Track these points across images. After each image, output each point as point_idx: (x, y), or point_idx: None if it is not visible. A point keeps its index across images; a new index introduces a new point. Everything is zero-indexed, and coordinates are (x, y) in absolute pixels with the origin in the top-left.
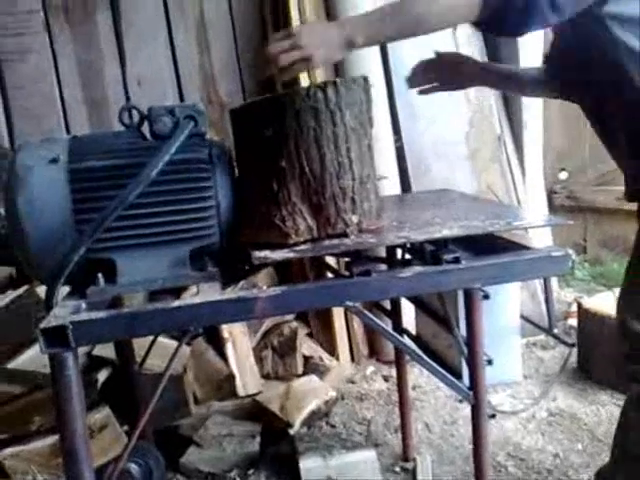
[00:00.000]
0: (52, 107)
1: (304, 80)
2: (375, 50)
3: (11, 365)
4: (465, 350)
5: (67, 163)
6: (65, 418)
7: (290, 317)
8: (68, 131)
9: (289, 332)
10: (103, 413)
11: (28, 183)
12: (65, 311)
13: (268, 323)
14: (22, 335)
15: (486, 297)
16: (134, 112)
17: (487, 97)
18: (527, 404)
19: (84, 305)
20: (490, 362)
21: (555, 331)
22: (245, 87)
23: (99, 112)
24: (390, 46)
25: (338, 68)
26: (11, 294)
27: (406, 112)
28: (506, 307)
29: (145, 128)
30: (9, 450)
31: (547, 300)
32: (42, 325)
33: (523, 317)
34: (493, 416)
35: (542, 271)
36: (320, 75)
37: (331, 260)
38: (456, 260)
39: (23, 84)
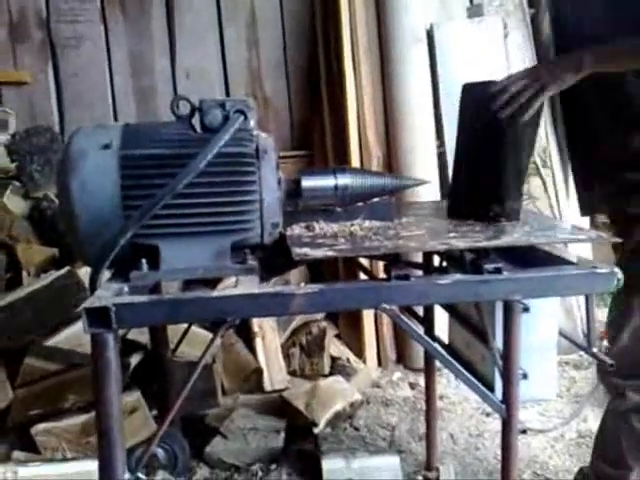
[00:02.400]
0: (103, 95)
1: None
2: (422, 54)
3: (49, 343)
4: (500, 363)
5: (119, 150)
6: (102, 397)
7: (319, 316)
8: (116, 119)
9: (318, 331)
10: (134, 396)
11: (81, 167)
12: (108, 293)
13: (297, 321)
14: (61, 314)
15: (526, 310)
16: (185, 103)
17: None
18: (557, 423)
19: (126, 288)
20: (525, 376)
21: (594, 350)
22: (290, 85)
23: (147, 102)
24: (437, 45)
25: (384, 76)
26: (53, 274)
27: (450, 118)
28: (545, 322)
29: (195, 120)
30: (42, 426)
31: (588, 318)
32: (86, 305)
33: (562, 334)
34: (524, 432)
35: (586, 287)
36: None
37: (365, 261)
38: (497, 270)
39: (76, 72)
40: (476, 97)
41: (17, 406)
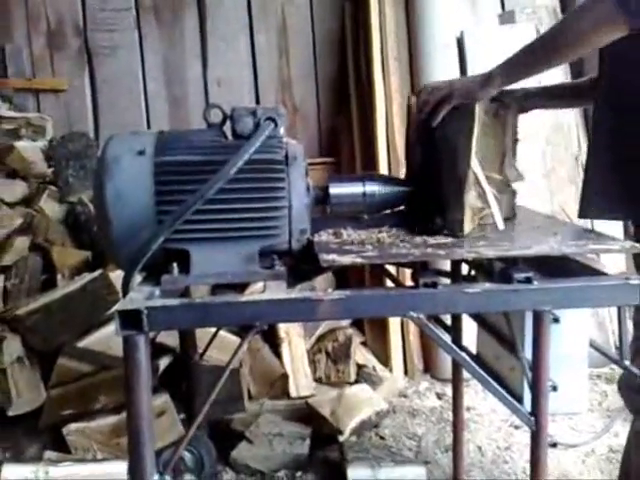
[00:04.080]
0: (136, 102)
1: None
2: (452, 61)
3: (81, 344)
4: (529, 374)
5: (153, 156)
6: (133, 398)
7: (345, 323)
8: (149, 125)
9: (344, 338)
10: (162, 399)
11: (116, 172)
12: (140, 296)
13: (323, 327)
14: (93, 316)
15: (556, 320)
16: (217, 111)
17: (566, 114)
18: (588, 438)
19: (158, 292)
20: (555, 388)
21: (626, 363)
22: (319, 93)
23: (179, 109)
24: (467, 52)
25: (413, 83)
26: (86, 276)
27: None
28: (575, 333)
29: (226, 127)
30: (74, 426)
31: (620, 330)
32: (118, 307)
33: (593, 346)
34: (554, 445)
35: (618, 299)
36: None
37: (392, 268)
38: (528, 280)
39: (111, 79)
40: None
41: (50, 406)
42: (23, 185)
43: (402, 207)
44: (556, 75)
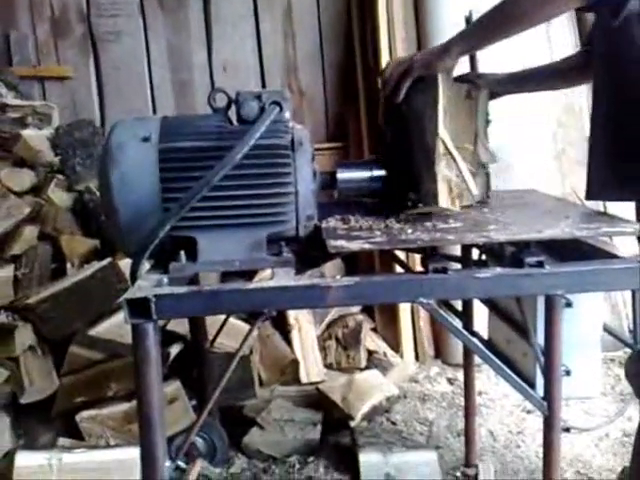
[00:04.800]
0: (142, 88)
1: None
2: None
3: (92, 332)
4: (542, 359)
5: (158, 142)
6: (143, 386)
7: (356, 310)
8: (155, 111)
9: (354, 324)
10: (173, 386)
11: (121, 159)
12: (148, 284)
13: (333, 314)
14: (103, 304)
15: (569, 305)
16: (222, 96)
17: (578, 96)
18: (601, 422)
19: (166, 280)
20: (568, 373)
21: None
22: (326, 77)
23: (184, 94)
24: None
25: None
26: (95, 265)
27: (490, 107)
28: (588, 317)
29: (232, 112)
30: (87, 413)
31: (634, 314)
32: (127, 296)
33: (607, 330)
34: (567, 430)
35: (632, 282)
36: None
37: (401, 254)
38: (539, 264)
39: (116, 65)
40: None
41: (62, 394)
42: (31, 174)
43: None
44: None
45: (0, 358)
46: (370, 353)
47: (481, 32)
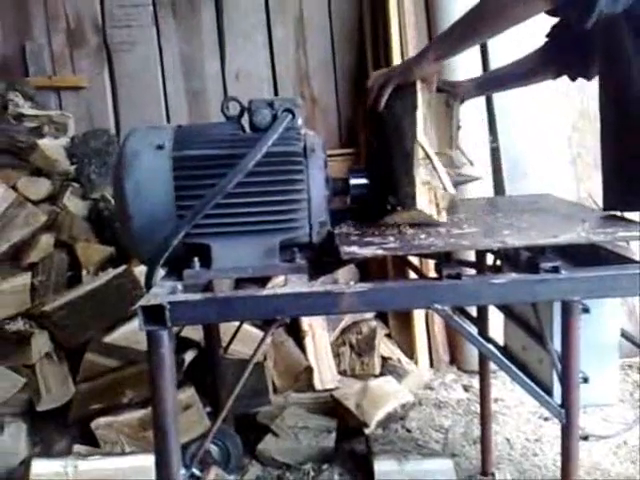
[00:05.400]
0: (155, 97)
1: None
2: (473, 49)
3: (107, 339)
4: (559, 366)
5: (172, 150)
6: (158, 392)
7: (369, 316)
8: (168, 120)
9: (368, 331)
10: (188, 393)
11: (135, 167)
12: (163, 291)
13: (347, 320)
14: (118, 311)
15: (586, 311)
16: (235, 104)
17: (593, 100)
18: (619, 429)
19: (180, 287)
20: (586, 380)
21: None
22: (338, 85)
23: (198, 103)
24: (490, 43)
25: None
26: (111, 272)
27: (504, 112)
28: (606, 323)
29: (244, 120)
30: (102, 420)
31: None
32: (142, 303)
33: (624, 335)
34: (585, 438)
35: None
36: None
37: (415, 259)
38: (555, 269)
39: (130, 75)
40: None
41: (78, 401)
42: (47, 183)
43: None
44: None
45: (17, 365)
46: (384, 360)
47: (455, 36)
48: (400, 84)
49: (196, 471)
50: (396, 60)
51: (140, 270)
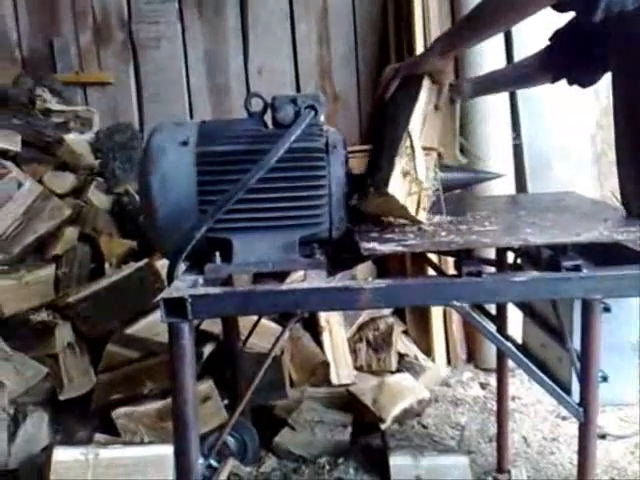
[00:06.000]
0: (179, 93)
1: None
2: (498, 45)
3: (128, 331)
4: (578, 364)
5: (196, 146)
6: (178, 383)
7: (387, 312)
8: (191, 116)
9: (385, 327)
10: (206, 385)
11: (161, 162)
12: (184, 284)
13: (364, 316)
14: (139, 304)
15: (607, 310)
16: (258, 100)
17: None
18: (637, 429)
19: (201, 280)
20: (605, 379)
21: None
22: (360, 81)
23: (221, 99)
24: (514, 34)
25: (457, 59)
26: (133, 265)
27: (528, 109)
28: (626, 322)
29: (267, 116)
30: (123, 410)
31: None
32: (164, 295)
33: None
34: (603, 437)
35: None
36: None
37: (434, 257)
38: (577, 268)
39: (155, 71)
40: None
41: (99, 391)
42: (72, 177)
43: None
44: None
45: (41, 355)
46: (401, 356)
47: (462, 31)
48: (408, 76)
49: (213, 462)
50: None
51: (161, 264)
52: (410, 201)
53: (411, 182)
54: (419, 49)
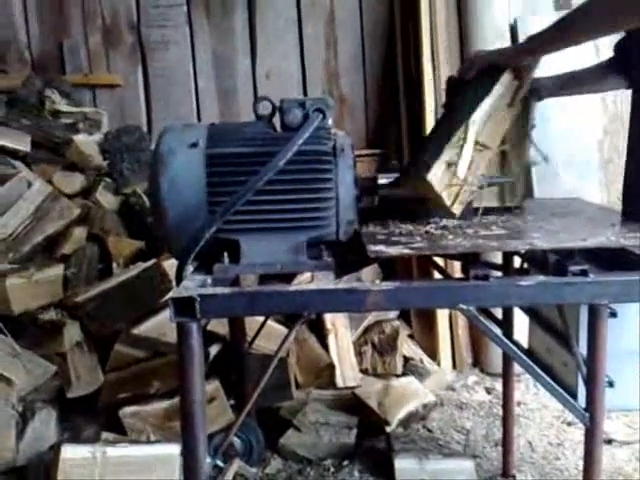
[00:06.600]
0: (187, 95)
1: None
2: (505, 41)
3: (136, 331)
4: (584, 369)
5: (205, 148)
6: (186, 383)
7: (392, 316)
8: (199, 118)
9: (390, 330)
10: (213, 386)
11: (170, 164)
12: (193, 284)
13: (370, 319)
14: (147, 304)
15: (613, 315)
16: (266, 104)
17: (626, 104)
18: None
19: (209, 280)
20: (611, 384)
21: None
22: (367, 84)
23: (229, 102)
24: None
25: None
26: (140, 266)
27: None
28: (632, 327)
29: (275, 119)
30: (130, 409)
31: None
32: (173, 295)
33: None
34: (609, 442)
35: None
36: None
37: (440, 260)
38: (583, 272)
39: (163, 73)
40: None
41: (107, 389)
42: (81, 177)
43: None
44: None
45: (49, 353)
46: (406, 360)
47: (555, 32)
48: (490, 66)
49: (219, 462)
50: (426, 61)
51: (168, 264)
52: (448, 192)
53: (454, 174)
54: (426, 53)
